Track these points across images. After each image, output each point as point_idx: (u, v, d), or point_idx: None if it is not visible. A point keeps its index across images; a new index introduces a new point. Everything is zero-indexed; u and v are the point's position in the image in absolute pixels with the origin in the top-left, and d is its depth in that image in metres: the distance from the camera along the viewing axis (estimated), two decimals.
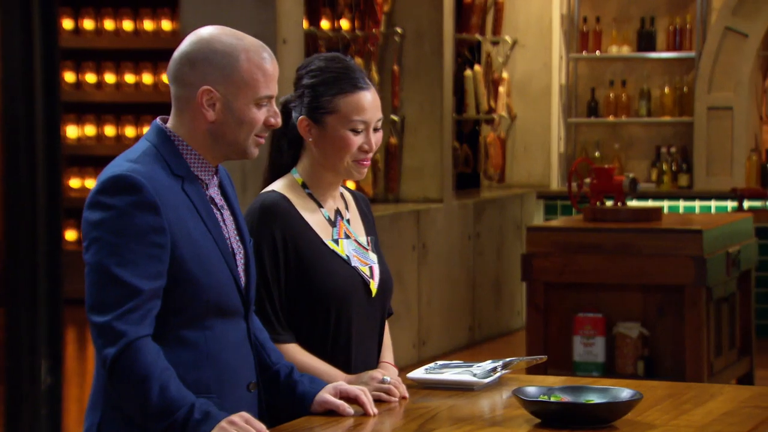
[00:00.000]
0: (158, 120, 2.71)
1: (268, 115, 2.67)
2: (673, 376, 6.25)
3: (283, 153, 3.07)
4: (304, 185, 3.04)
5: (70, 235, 10.47)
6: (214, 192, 2.71)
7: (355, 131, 2.98)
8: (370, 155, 3.01)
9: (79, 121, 10.69)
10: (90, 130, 10.72)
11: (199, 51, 2.62)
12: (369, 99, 2.99)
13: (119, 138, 10.72)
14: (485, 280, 8.96)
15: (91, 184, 10.72)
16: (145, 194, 2.55)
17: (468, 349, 8.57)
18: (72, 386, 7.52)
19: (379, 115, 3.02)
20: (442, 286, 8.40)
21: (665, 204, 9.37)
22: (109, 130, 10.71)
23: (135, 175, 2.56)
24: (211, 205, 2.69)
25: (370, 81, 3.02)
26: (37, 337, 4.53)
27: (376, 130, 3.02)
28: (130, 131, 10.68)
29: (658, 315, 6.33)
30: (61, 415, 4.83)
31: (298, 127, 3.03)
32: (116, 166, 2.60)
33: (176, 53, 2.65)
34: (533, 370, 5.64)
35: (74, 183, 10.63)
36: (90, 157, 10.66)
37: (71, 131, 10.60)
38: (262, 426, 2.53)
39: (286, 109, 3.04)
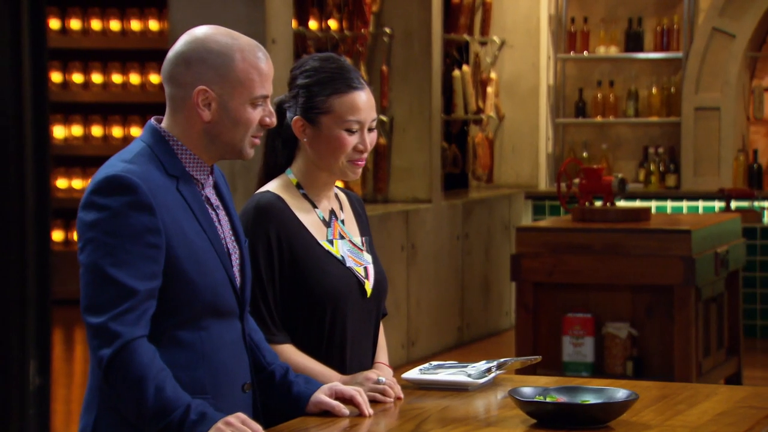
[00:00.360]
0: (152, 120, 2.69)
1: (263, 114, 2.66)
2: (661, 376, 6.26)
3: (278, 153, 3.06)
4: (298, 185, 3.03)
5: (57, 235, 10.45)
6: (209, 192, 2.70)
7: (350, 131, 2.98)
8: (365, 155, 3.00)
9: (66, 122, 10.67)
10: (77, 130, 10.70)
11: (194, 51, 2.61)
12: (363, 99, 2.99)
13: (106, 138, 10.69)
14: (474, 281, 8.96)
15: (78, 184, 10.70)
16: (140, 195, 2.54)
17: (457, 350, 8.57)
18: (59, 387, 7.50)
19: (374, 115, 3.02)
20: (430, 286, 8.40)
21: (653, 204, 9.38)
22: (96, 131, 10.69)
23: (130, 176, 2.55)
24: (207, 205, 2.68)
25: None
26: (25, 337, 4.52)
27: (370, 130, 3.01)
28: (117, 131, 10.66)
29: (646, 315, 6.34)
30: (49, 416, 4.81)
31: (292, 127, 3.02)
32: (111, 167, 2.59)
33: (171, 53, 2.64)
34: (522, 370, 5.64)
35: (61, 183, 10.61)
36: (77, 158, 10.64)
37: (58, 131, 10.57)
38: (258, 427, 2.52)
39: (280, 110, 3.03)
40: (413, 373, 3.01)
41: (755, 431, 2.64)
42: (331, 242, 3.01)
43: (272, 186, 3.02)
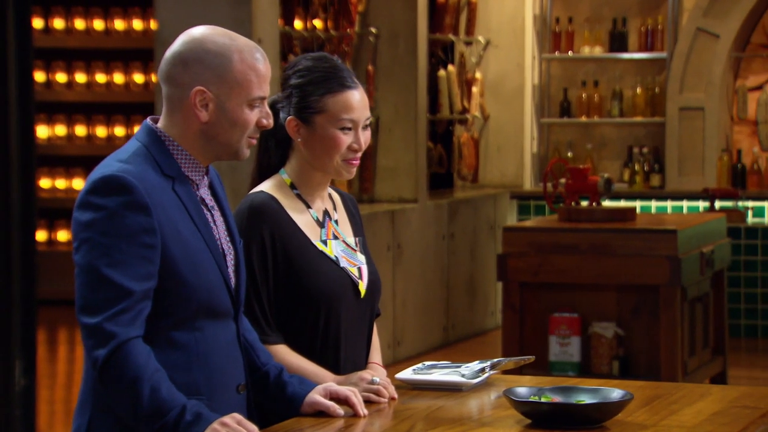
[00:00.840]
0: (148, 120, 2.68)
1: (260, 116, 2.65)
2: (647, 376, 6.27)
3: (271, 153, 3.05)
4: (292, 186, 3.02)
5: (40, 235, 10.41)
6: (204, 192, 2.70)
7: (344, 130, 2.97)
8: (359, 154, 3.00)
9: (50, 121, 10.63)
10: (60, 129, 10.66)
11: (191, 51, 2.60)
12: (357, 98, 2.99)
13: (90, 138, 10.66)
14: (459, 281, 8.96)
15: (61, 184, 10.67)
16: (136, 195, 2.53)
17: (442, 350, 8.57)
18: (42, 388, 7.47)
19: (368, 113, 3.02)
20: (416, 286, 8.40)
21: (637, 204, 9.40)
22: (80, 130, 10.66)
23: (126, 176, 2.54)
24: (202, 206, 2.67)
25: (358, 80, 3.02)
26: (11, 338, 4.49)
27: (364, 128, 3.01)
28: (101, 131, 10.63)
29: (633, 315, 6.35)
30: (34, 417, 4.78)
31: (286, 127, 3.01)
32: (106, 167, 2.58)
33: (168, 53, 2.63)
34: (510, 370, 5.64)
35: (44, 183, 10.57)
36: (60, 157, 10.60)
37: (41, 131, 10.54)
38: (254, 427, 2.52)
39: (273, 110, 3.02)
40: (407, 373, 3.01)
41: (750, 431, 2.64)
42: (324, 242, 3.01)
43: (266, 186, 3.01)
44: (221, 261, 2.65)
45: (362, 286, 3.03)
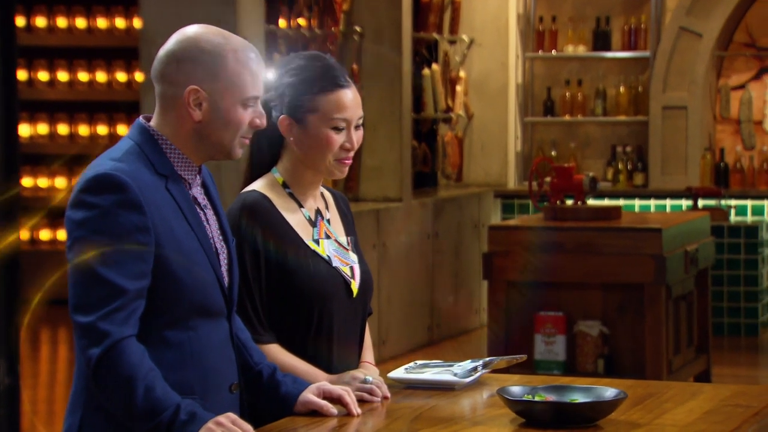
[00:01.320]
0: (141, 119, 2.67)
1: (253, 115, 2.65)
2: (632, 374, 6.28)
3: (263, 152, 3.04)
4: (284, 185, 3.02)
5: (22, 234, 10.37)
6: (197, 191, 2.69)
7: (337, 129, 2.97)
8: (352, 153, 3.00)
9: (32, 120, 10.59)
10: (42, 128, 10.62)
11: (185, 50, 2.59)
12: (350, 97, 2.98)
13: (72, 136, 10.63)
14: (444, 279, 8.97)
15: (43, 182, 10.62)
16: (130, 193, 2.52)
17: (427, 348, 8.57)
18: (24, 387, 7.44)
19: (360, 112, 3.01)
20: (401, 285, 8.40)
21: (621, 203, 9.42)
22: (62, 129, 10.62)
23: (119, 174, 2.53)
24: (195, 205, 2.67)
25: (351, 79, 3.02)
26: None
27: (357, 128, 3.01)
28: (83, 130, 10.60)
29: (618, 313, 6.37)
30: (19, 416, 4.77)
31: (279, 126, 3.01)
32: (100, 165, 2.57)
33: (161, 52, 2.62)
34: (496, 369, 5.63)
35: (27, 182, 10.53)
36: (43, 156, 10.56)
37: (23, 129, 10.50)
38: (248, 427, 2.51)
39: (266, 109, 3.01)
40: (399, 372, 3.01)
41: (743, 430, 2.65)
42: (317, 242, 3.00)
43: (258, 185, 3.01)
44: (214, 260, 2.65)
45: (354, 285, 3.03)
